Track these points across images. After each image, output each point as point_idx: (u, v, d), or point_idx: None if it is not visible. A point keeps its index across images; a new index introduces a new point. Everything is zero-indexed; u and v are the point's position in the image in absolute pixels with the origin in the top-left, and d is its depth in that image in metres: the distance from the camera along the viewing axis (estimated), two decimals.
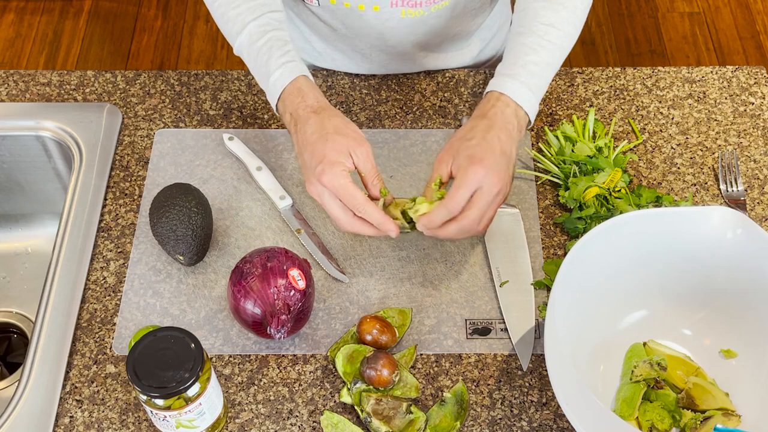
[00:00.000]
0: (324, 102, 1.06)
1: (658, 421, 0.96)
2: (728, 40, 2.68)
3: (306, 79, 1.07)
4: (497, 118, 1.03)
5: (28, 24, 2.73)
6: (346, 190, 0.99)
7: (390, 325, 1.03)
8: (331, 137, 1.01)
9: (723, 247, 0.97)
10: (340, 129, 1.02)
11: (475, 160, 0.98)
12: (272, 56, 1.07)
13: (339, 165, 1.00)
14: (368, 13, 1.20)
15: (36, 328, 1.06)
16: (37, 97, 1.29)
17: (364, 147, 1.02)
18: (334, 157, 1.00)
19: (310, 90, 1.06)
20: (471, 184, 0.98)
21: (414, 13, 1.20)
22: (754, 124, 1.25)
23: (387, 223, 1.00)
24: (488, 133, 1.01)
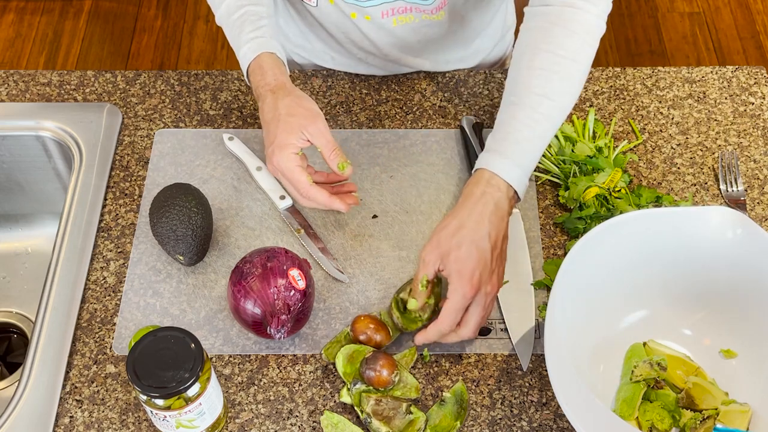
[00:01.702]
0: (282, 80, 1.06)
1: (658, 421, 0.96)
2: (728, 40, 2.68)
3: (269, 56, 1.07)
4: (488, 207, 0.99)
5: (28, 24, 2.73)
6: (292, 173, 1.01)
7: (383, 323, 1.03)
8: (283, 118, 1.02)
9: (723, 247, 0.97)
10: (291, 109, 1.02)
11: (465, 276, 0.96)
12: (243, 31, 1.09)
13: (288, 147, 1.01)
14: (361, 21, 1.20)
15: (36, 328, 1.06)
16: (37, 97, 1.29)
17: (315, 124, 1.02)
18: (283, 140, 1.01)
19: (270, 67, 1.06)
20: (459, 301, 0.97)
21: (405, 20, 1.20)
22: (754, 124, 1.25)
23: (333, 203, 1.03)
24: (478, 233, 0.98)
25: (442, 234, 0.99)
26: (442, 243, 0.98)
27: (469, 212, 0.99)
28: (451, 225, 0.99)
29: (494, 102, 1.27)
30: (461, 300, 0.97)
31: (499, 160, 1.01)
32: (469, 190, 1.01)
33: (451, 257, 0.97)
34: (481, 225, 0.98)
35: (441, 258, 0.98)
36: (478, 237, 0.97)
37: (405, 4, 1.17)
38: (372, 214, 1.16)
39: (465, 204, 1.00)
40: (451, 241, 0.97)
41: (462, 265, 0.97)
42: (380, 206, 1.17)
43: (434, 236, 1.00)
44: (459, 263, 0.97)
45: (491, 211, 0.99)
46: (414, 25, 1.21)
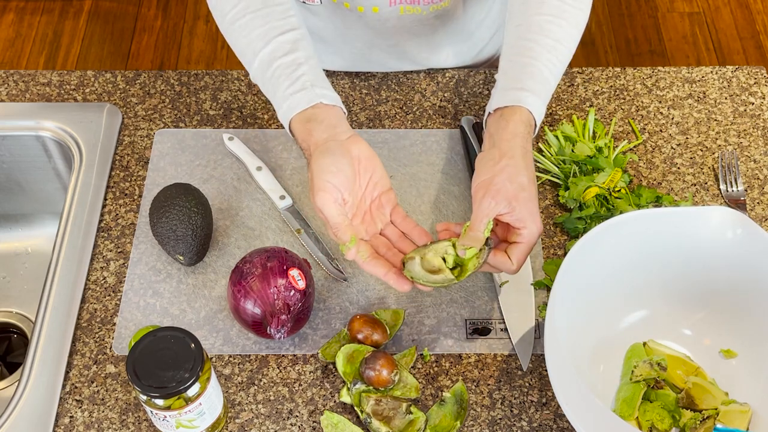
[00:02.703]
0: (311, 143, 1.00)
1: (658, 421, 0.96)
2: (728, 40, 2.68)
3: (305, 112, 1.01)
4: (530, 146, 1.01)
5: (28, 24, 2.73)
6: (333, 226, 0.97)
7: (380, 322, 1.03)
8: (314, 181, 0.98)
9: (723, 247, 0.97)
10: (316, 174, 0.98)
11: (536, 214, 0.98)
12: (278, 88, 1.03)
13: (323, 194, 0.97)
14: (368, 14, 1.20)
15: (36, 328, 1.06)
16: (37, 97, 1.29)
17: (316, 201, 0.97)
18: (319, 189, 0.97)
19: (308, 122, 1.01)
20: (532, 243, 0.99)
21: (413, 10, 1.20)
22: (754, 124, 1.25)
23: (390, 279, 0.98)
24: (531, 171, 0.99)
25: (503, 176, 0.98)
26: (507, 186, 0.97)
27: (524, 152, 1.00)
28: (510, 166, 0.98)
29: None
30: (535, 240, 0.99)
31: (534, 99, 1.02)
32: (515, 129, 1.01)
33: (521, 199, 0.97)
34: (530, 163, 1.00)
35: (509, 201, 0.97)
36: (532, 175, 1.00)
37: None
38: None
39: (515, 142, 1.00)
40: (515, 183, 0.97)
41: (533, 205, 0.98)
42: None
43: (494, 178, 0.98)
44: (530, 203, 0.98)
45: (530, 149, 1.02)
46: (420, 15, 1.22)
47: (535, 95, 1.02)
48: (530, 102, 1.02)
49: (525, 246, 0.98)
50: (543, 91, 1.04)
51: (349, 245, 0.97)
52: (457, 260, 0.99)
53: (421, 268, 0.98)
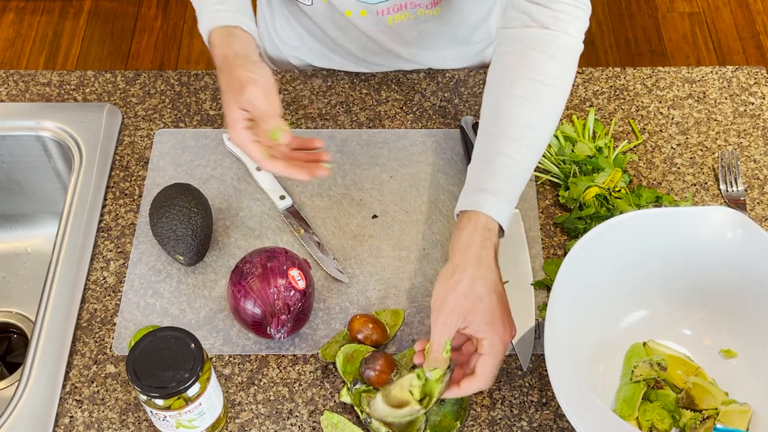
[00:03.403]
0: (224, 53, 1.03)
1: (658, 421, 0.96)
2: (728, 40, 2.68)
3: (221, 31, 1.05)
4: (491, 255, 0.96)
5: (28, 24, 2.73)
6: (245, 149, 0.98)
7: (380, 322, 1.03)
8: (223, 95, 1.00)
9: (723, 247, 0.97)
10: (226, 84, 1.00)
11: (497, 329, 0.93)
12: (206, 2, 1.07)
13: (234, 123, 0.98)
14: (356, 18, 1.20)
15: (36, 328, 1.06)
16: (37, 97, 1.29)
17: (244, 94, 0.98)
18: (228, 117, 0.99)
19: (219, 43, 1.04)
20: (499, 354, 0.93)
21: (401, 17, 1.20)
22: (754, 124, 1.25)
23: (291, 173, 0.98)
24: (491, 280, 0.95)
25: (455, 293, 0.94)
26: (462, 301, 0.93)
27: (478, 260, 0.95)
28: (464, 279, 0.94)
29: None
30: (503, 349, 0.94)
31: (492, 201, 0.97)
32: (470, 237, 0.96)
33: (478, 312, 0.93)
34: (491, 272, 0.95)
35: (465, 316, 0.93)
36: (493, 284, 0.95)
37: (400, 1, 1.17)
38: (372, 214, 1.16)
39: (470, 250, 0.95)
40: (471, 295, 0.93)
41: (492, 316, 0.93)
42: (380, 206, 1.17)
43: (447, 296, 0.94)
44: (488, 315, 0.93)
45: (494, 256, 0.96)
46: (410, 21, 1.22)
47: (495, 196, 0.97)
48: (489, 205, 0.97)
49: (489, 357, 0.92)
50: (506, 189, 0.98)
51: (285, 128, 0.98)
52: (424, 390, 0.94)
53: (385, 404, 0.94)
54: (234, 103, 0.98)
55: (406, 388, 0.95)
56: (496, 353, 0.93)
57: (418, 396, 0.95)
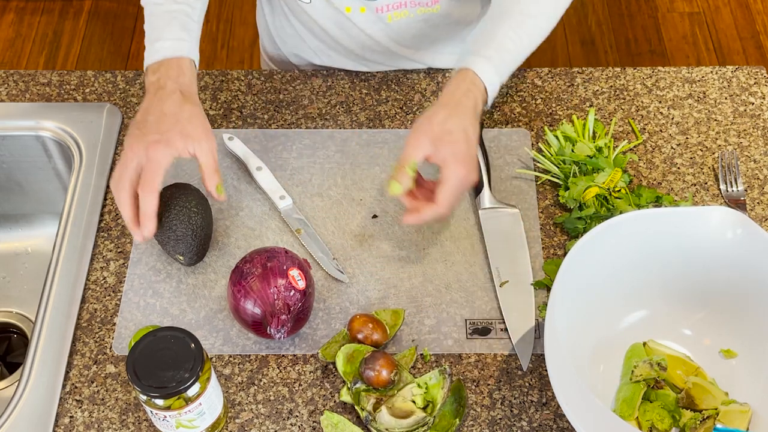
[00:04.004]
0: (194, 90, 1.06)
1: (658, 421, 0.96)
2: (728, 40, 2.68)
3: (191, 63, 1.08)
4: (470, 104, 1.04)
5: (28, 24, 2.73)
6: (155, 172, 0.99)
7: (380, 322, 1.03)
8: (183, 122, 1.01)
9: (723, 247, 0.97)
10: (194, 120, 1.02)
11: (459, 160, 1.01)
12: (171, 26, 1.08)
13: (172, 148, 0.99)
14: (355, 15, 1.20)
15: (36, 328, 1.06)
16: (37, 97, 1.29)
17: (209, 142, 1.02)
18: (173, 139, 1.00)
19: (189, 73, 1.07)
20: (456, 184, 1.01)
21: (400, 15, 1.21)
22: (754, 124, 1.25)
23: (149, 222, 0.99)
24: (465, 123, 1.02)
25: (432, 122, 1.02)
26: (434, 129, 1.01)
27: (456, 105, 1.03)
28: (440, 114, 1.02)
29: (494, 102, 1.27)
30: (458, 183, 1.01)
31: (484, 64, 1.05)
32: (456, 85, 1.05)
33: (445, 141, 1.00)
34: (466, 116, 1.03)
35: (433, 142, 1.00)
36: (464, 125, 1.02)
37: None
38: (372, 214, 1.16)
39: (452, 98, 1.04)
40: (442, 127, 1.01)
41: (456, 148, 1.00)
42: (380, 206, 1.17)
43: (423, 124, 1.02)
44: (453, 147, 1.00)
45: (472, 107, 1.04)
46: (409, 19, 1.22)
47: (486, 60, 1.05)
48: (479, 66, 1.05)
49: (447, 186, 1.00)
50: (497, 58, 1.06)
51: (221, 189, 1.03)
52: (426, 398, 0.98)
53: (391, 416, 0.96)
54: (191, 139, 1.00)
55: (408, 398, 0.97)
56: (454, 184, 1.00)
57: (421, 404, 0.97)
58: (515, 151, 1.22)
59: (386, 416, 0.96)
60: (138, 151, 0.99)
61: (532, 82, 1.30)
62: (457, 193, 1.01)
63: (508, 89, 1.29)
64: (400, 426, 0.96)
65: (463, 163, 1.01)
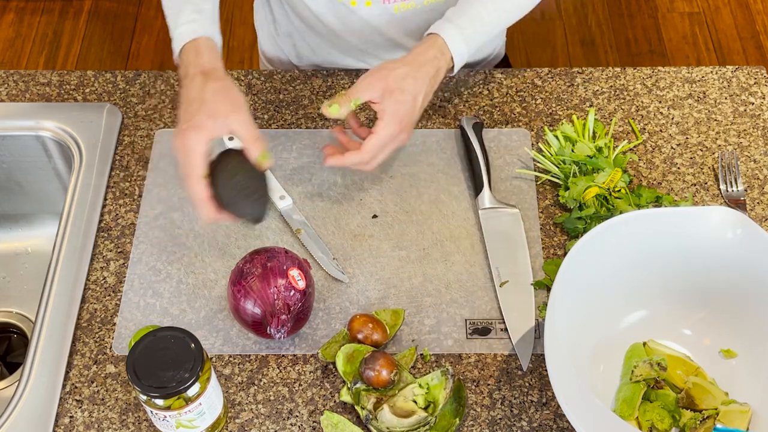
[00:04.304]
0: (216, 64, 1.06)
1: (658, 421, 0.96)
2: (728, 40, 2.68)
3: (206, 41, 1.08)
4: (432, 71, 1.08)
5: (28, 24, 2.73)
6: (193, 157, 0.99)
7: (380, 322, 1.03)
8: (208, 102, 1.01)
9: (723, 247, 0.97)
10: (219, 95, 1.02)
11: (398, 118, 1.05)
12: (183, 11, 1.09)
13: (205, 131, 0.99)
14: (361, 8, 1.21)
15: (36, 328, 1.06)
16: (37, 97, 1.29)
17: (239, 114, 1.01)
18: (202, 122, 1.00)
19: (206, 51, 1.07)
20: (385, 138, 1.05)
21: (407, 6, 1.21)
22: (754, 124, 1.25)
23: (203, 207, 1.00)
24: (420, 88, 1.06)
25: (390, 73, 1.06)
26: (389, 80, 1.05)
27: (418, 67, 1.07)
28: (401, 70, 1.06)
29: (494, 102, 1.27)
30: (389, 137, 1.05)
31: (454, 33, 1.10)
32: (424, 49, 1.09)
33: (394, 96, 1.04)
34: (423, 82, 1.07)
35: (383, 92, 1.05)
36: (417, 90, 1.06)
37: None
38: (372, 214, 1.16)
39: (417, 59, 1.08)
40: (397, 83, 1.05)
41: (399, 107, 1.04)
42: (380, 206, 1.17)
43: (381, 71, 1.06)
44: (398, 105, 1.04)
45: (433, 74, 1.08)
46: (416, 10, 1.22)
47: (458, 30, 1.10)
48: (449, 34, 1.09)
49: (376, 137, 1.05)
50: (469, 29, 1.10)
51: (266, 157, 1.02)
52: (427, 398, 0.98)
53: (393, 415, 0.96)
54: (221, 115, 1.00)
55: (410, 397, 0.98)
56: (383, 136, 1.05)
57: (423, 404, 0.97)
58: (515, 151, 1.22)
59: (388, 414, 0.96)
60: (176, 144, 1.01)
61: (532, 82, 1.30)
62: (383, 146, 1.05)
63: (508, 89, 1.29)
64: (401, 425, 0.96)
65: (400, 122, 1.05)
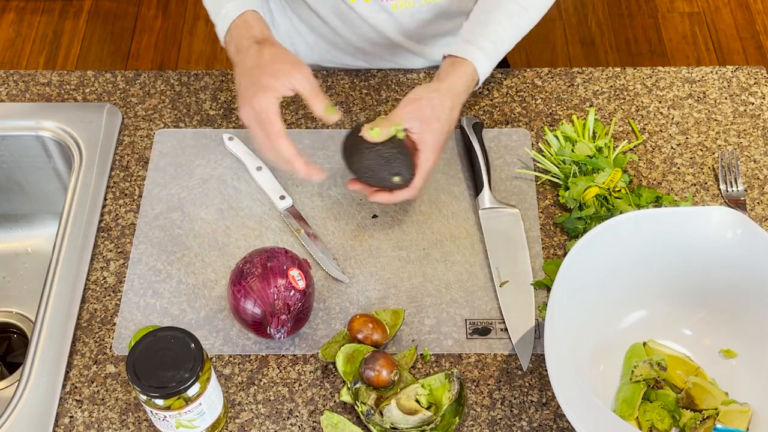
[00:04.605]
0: (267, 34, 1.09)
1: (658, 421, 0.96)
2: (728, 40, 2.68)
3: (253, 13, 1.10)
4: (464, 99, 1.11)
5: (28, 24, 2.73)
6: (268, 114, 1.01)
7: (380, 322, 1.03)
8: (268, 65, 1.03)
9: (723, 247, 0.97)
10: (276, 57, 1.05)
11: (436, 148, 1.07)
12: None
13: (272, 90, 1.02)
14: (359, 5, 1.21)
15: (36, 328, 1.06)
16: (37, 97, 1.29)
17: (301, 71, 1.03)
18: (268, 83, 1.02)
19: (256, 23, 1.09)
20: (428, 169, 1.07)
21: (405, 5, 1.21)
22: (754, 124, 1.25)
23: (296, 161, 1.03)
24: (454, 115, 1.10)
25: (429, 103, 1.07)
26: (428, 111, 1.07)
27: (454, 96, 1.10)
28: (438, 100, 1.08)
29: (494, 102, 1.27)
30: (432, 166, 1.08)
31: (481, 57, 1.12)
32: (457, 78, 1.11)
33: (432, 127, 1.07)
34: (457, 110, 1.10)
35: (422, 123, 1.06)
36: (452, 118, 1.10)
37: None
38: (372, 214, 1.16)
39: (453, 89, 1.10)
40: (435, 113, 1.07)
41: (437, 137, 1.07)
42: (380, 206, 1.17)
43: (420, 100, 1.07)
44: (435, 134, 1.07)
45: (463, 101, 1.12)
46: (414, 9, 1.22)
47: (484, 53, 1.12)
48: (478, 59, 1.11)
49: (422, 170, 1.07)
50: (492, 50, 1.12)
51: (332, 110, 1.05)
52: (430, 399, 0.99)
53: (399, 411, 0.96)
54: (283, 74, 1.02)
55: (412, 397, 0.98)
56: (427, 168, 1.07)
57: (425, 404, 0.98)
58: (515, 151, 1.22)
59: (395, 410, 0.96)
60: (248, 113, 1.03)
61: (532, 82, 1.30)
62: (427, 177, 1.08)
63: (508, 89, 1.29)
64: (406, 422, 0.96)
65: (438, 151, 1.07)
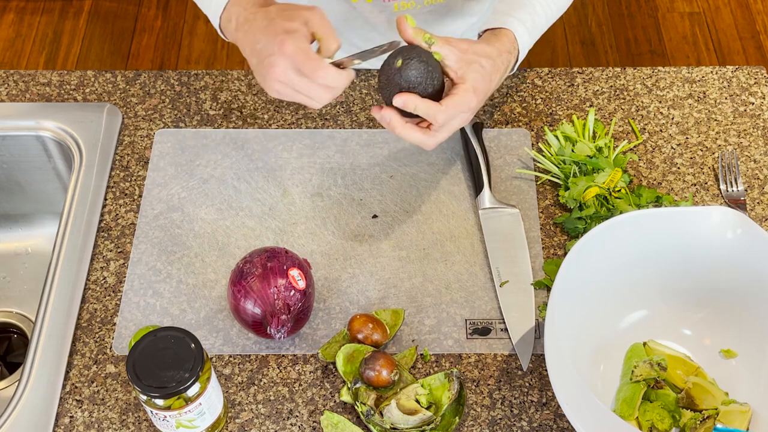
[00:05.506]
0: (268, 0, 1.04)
1: (658, 421, 0.96)
2: (728, 40, 2.68)
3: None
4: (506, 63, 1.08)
5: (28, 24, 2.73)
6: (304, 54, 0.94)
7: (380, 322, 1.03)
8: (280, 15, 0.98)
9: (723, 247, 0.97)
10: (286, 7, 0.99)
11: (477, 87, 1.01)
12: None
13: (295, 32, 0.96)
14: (361, 4, 1.21)
15: (36, 328, 1.06)
16: (37, 97, 1.29)
17: (314, 12, 0.98)
18: (289, 27, 0.96)
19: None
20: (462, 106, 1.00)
21: (406, 5, 1.21)
22: (754, 124, 1.25)
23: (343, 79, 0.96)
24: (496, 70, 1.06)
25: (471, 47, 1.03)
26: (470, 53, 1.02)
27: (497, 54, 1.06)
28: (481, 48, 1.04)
29: (494, 102, 1.27)
30: (464, 105, 1.00)
31: (519, 26, 1.10)
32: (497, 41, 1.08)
33: (473, 66, 1.02)
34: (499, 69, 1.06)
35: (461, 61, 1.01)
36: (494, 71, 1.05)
37: None
38: (372, 214, 1.16)
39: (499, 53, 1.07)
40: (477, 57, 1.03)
41: (478, 77, 1.02)
42: (380, 206, 1.17)
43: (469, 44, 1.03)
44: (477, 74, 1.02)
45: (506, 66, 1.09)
46: (416, 10, 1.22)
47: (522, 24, 1.10)
48: (518, 29, 1.09)
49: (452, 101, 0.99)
50: (530, 23, 1.11)
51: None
52: (429, 399, 0.98)
53: (399, 411, 0.96)
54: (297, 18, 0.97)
55: (412, 397, 0.98)
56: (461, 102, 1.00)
57: (425, 404, 0.98)
58: (515, 151, 1.22)
59: (395, 410, 0.96)
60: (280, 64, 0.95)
61: (532, 82, 1.30)
62: (456, 115, 1.00)
63: (508, 89, 1.29)
64: (406, 422, 0.96)
65: (476, 93, 1.01)
